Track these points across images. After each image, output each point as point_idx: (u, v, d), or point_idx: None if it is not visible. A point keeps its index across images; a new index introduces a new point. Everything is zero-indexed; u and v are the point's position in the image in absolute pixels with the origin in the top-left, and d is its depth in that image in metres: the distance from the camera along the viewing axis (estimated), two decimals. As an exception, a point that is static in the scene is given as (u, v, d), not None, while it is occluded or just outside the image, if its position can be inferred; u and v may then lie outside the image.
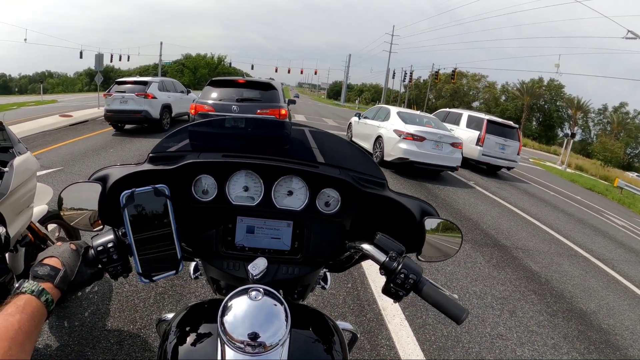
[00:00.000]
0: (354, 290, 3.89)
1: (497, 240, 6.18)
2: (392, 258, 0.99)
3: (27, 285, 0.76)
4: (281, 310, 0.86)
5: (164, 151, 1.27)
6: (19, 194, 2.34)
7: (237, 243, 1.18)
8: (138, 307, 3.35)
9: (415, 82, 66.98)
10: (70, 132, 13.04)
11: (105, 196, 1.11)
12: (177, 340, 0.96)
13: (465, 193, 9.33)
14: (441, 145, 10.00)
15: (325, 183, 1.20)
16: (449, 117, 14.54)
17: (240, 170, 1.19)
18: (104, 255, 0.92)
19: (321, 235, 1.19)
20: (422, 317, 3.53)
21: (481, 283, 4.53)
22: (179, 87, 16.27)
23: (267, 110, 8.43)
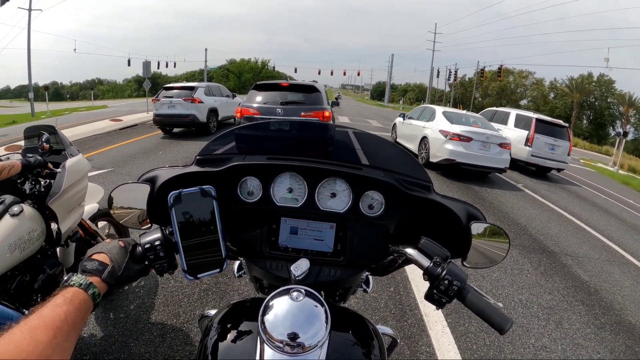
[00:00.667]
0: (396, 295, 3.84)
1: (545, 246, 5.95)
2: (436, 263, 0.97)
3: (75, 279, 0.80)
4: (321, 311, 0.85)
5: (211, 154, 1.30)
6: (70, 193, 2.46)
7: (281, 244, 1.19)
8: (182, 302, 3.44)
9: (460, 81, 65.28)
10: (120, 136, 13.56)
11: (154, 196, 1.15)
12: (218, 337, 0.98)
13: (514, 196, 8.97)
14: (489, 145, 9.63)
15: (369, 185, 1.20)
16: (496, 116, 13.96)
17: (284, 172, 1.21)
18: (151, 253, 0.96)
19: (364, 238, 1.19)
20: (464, 325, 3.44)
21: (527, 291, 4.36)
22: (224, 91, 16.67)
23: (310, 113, 8.44)
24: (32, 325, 0.64)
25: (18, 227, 2.19)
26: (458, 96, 64.52)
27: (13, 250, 2.14)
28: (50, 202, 2.33)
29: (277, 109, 8.54)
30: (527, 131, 12.09)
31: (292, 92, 9.08)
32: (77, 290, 0.77)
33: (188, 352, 2.82)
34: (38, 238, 2.32)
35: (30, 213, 2.30)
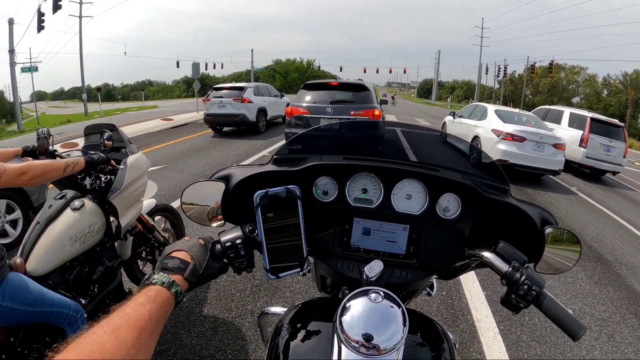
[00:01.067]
0: (449, 299, 3.74)
1: (600, 254, 5.63)
2: (515, 268, 0.95)
3: (157, 277, 0.79)
4: (399, 314, 0.85)
5: (288, 154, 1.31)
6: (131, 189, 2.54)
7: (353, 244, 1.19)
8: (234, 297, 3.48)
9: (509, 77, 63.09)
10: (171, 134, 13.96)
11: (229, 194, 1.16)
12: (290, 336, 0.98)
13: (568, 200, 8.53)
14: (542, 146, 9.16)
15: (446, 187, 1.17)
16: (549, 115, 13.18)
17: (360, 172, 1.20)
18: (231, 251, 0.96)
19: (439, 241, 1.17)
20: (516, 333, 3.31)
21: (581, 301, 4.14)
22: (273, 91, 16.85)
23: (360, 112, 8.35)
24: (116, 324, 0.63)
25: (79, 220, 2.27)
26: (508, 93, 62.40)
27: (74, 242, 2.22)
28: (112, 197, 2.39)
29: (327, 108, 8.50)
30: (581, 131, 11.32)
31: (342, 91, 9.00)
32: (159, 289, 0.77)
33: (239, 347, 2.84)
34: (98, 231, 2.38)
35: (91, 207, 2.37)
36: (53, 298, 1.99)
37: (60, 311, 1.99)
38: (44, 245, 2.14)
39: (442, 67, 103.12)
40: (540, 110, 14.38)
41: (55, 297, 2.00)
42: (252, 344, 2.87)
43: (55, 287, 2.12)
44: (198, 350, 2.79)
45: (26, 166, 1.81)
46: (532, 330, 3.33)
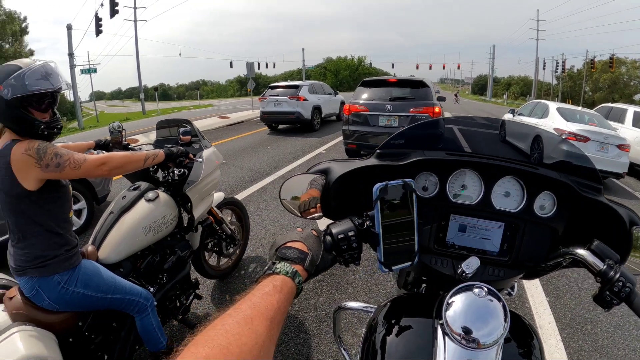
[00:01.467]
0: (511, 303, 3.56)
1: None
2: (610, 266, 0.93)
3: (281, 267, 0.78)
4: (500, 309, 0.85)
5: (391, 148, 1.29)
6: (205, 182, 2.59)
7: (449, 241, 1.19)
8: (297, 290, 3.46)
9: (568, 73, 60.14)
10: (228, 132, 14.31)
11: (330, 188, 1.18)
12: (386, 331, 1.02)
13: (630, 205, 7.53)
14: (606, 147, 8.57)
15: (544, 186, 1.16)
16: (611, 114, 12.23)
17: (461, 168, 1.19)
18: (344, 243, 0.93)
19: (533, 239, 1.16)
20: (578, 342, 3.13)
21: None
22: (327, 89, 16.87)
23: (420, 109, 8.06)
24: (247, 315, 0.62)
25: (153, 211, 2.32)
26: (566, 90, 59.72)
27: (147, 232, 2.27)
28: (188, 189, 2.45)
29: (385, 105, 8.29)
30: None
31: (400, 88, 8.77)
32: (285, 279, 0.76)
33: (302, 340, 2.84)
34: (171, 222, 2.43)
35: (165, 199, 2.42)
36: (125, 285, 2.03)
37: (132, 298, 2.03)
38: (117, 235, 2.20)
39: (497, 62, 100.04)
40: (603, 108, 13.44)
41: (127, 284, 2.05)
42: (315, 337, 2.86)
43: (126, 275, 2.18)
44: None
45: (106, 157, 1.84)
46: (594, 340, 3.16)
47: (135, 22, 33.72)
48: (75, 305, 1.87)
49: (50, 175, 1.68)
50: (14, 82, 1.62)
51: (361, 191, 1.12)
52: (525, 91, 77.33)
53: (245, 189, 6.57)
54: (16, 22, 32.27)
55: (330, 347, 2.75)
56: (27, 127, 1.69)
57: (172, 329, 2.86)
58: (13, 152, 1.62)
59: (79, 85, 28.10)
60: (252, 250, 4.20)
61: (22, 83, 1.63)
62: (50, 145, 1.68)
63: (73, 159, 1.71)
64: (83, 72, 31.22)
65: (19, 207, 1.69)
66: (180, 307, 2.59)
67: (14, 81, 1.62)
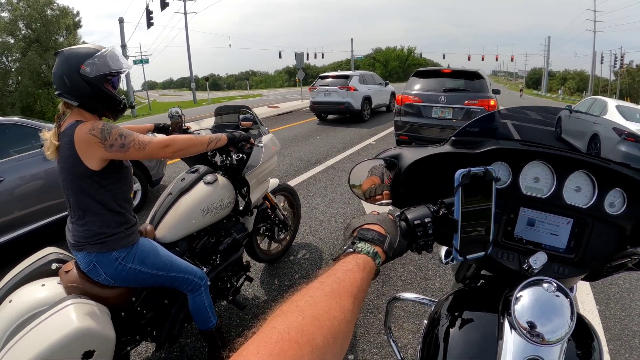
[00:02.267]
0: None
1: None
2: None
3: (362, 246, 0.78)
4: (567, 306, 0.84)
5: (466, 135, 1.28)
6: (263, 167, 2.64)
7: (516, 234, 1.15)
8: (347, 279, 3.45)
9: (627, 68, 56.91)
10: (278, 121, 14.45)
11: (401, 174, 1.16)
12: (450, 324, 1.02)
13: None
14: None
15: (615, 182, 1.12)
16: None
17: (536, 160, 1.16)
18: (420, 229, 0.92)
19: (601, 237, 1.11)
20: (624, 355, 2.99)
21: None
22: (377, 79, 16.61)
23: (475, 101, 7.85)
24: (335, 289, 0.63)
25: (212, 193, 2.38)
26: (625, 87, 56.63)
27: (205, 214, 2.33)
28: (247, 174, 2.50)
29: (439, 96, 8.11)
30: None
31: (455, 79, 8.56)
32: (366, 258, 0.76)
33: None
34: (229, 205, 2.48)
35: (224, 182, 2.48)
36: (180, 264, 2.08)
37: (186, 277, 2.08)
38: (175, 215, 2.26)
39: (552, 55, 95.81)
40: (664, 107, 12.82)
41: (182, 263, 2.10)
42: (362, 328, 2.85)
43: (181, 255, 2.24)
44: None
45: (170, 139, 1.89)
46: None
47: (185, 15, 34.56)
48: (130, 281, 1.93)
49: (115, 155, 1.74)
50: (98, 62, 1.77)
51: (433, 178, 1.10)
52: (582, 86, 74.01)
53: (295, 177, 6.62)
54: (69, 17, 33.57)
55: (376, 337, 2.74)
56: (107, 102, 1.84)
57: (220, 309, 2.93)
58: (77, 131, 1.69)
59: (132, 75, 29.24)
60: (302, 237, 4.23)
61: (105, 62, 1.80)
62: (115, 126, 1.75)
63: (137, 140, 1.76)
64: (136, 63, 32.34)
65: (82, 186, 1.76)
66: (231, 288, 2.65)
67: (98, 60, 1.78)
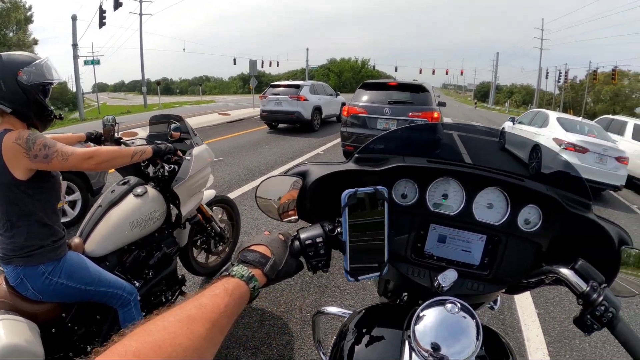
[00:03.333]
0: (500, 314, 3.58)
1: None
2: (593, 288, 0.90)
3: (237, 269, 0.77)
4: (473, 327, 0.82)
5: (370, 153, 1.27)
6: (194, 180, 2.58)
7: (427, 251, 1.14)
8: (284, 291, 3.49)
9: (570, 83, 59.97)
10: (228, 129, 14.36)
11: (306, 191, 1.15)
12: (356, 340, 0.99)
13: (628, 219, 7.83)
14: (605, 159, 8.61)
15: (529, 199, 1.11)
16: (612, 126, 12.24)
17: (443, 177, 1.15)
18: (311, 249, 0.92)
19: (515, 254, 1.11)
20: (565, 356, 3.13)
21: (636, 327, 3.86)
22: (328, 90, 16.89)
23: (419, 113, 8.06)
24: (191, 315, 0.61)
25: (141, 206, 2.33)
26: (568, 100, 59.62)
27: (134, 227, 2.28)
28: (176, 187, 2.45)
29: (384, 108, 8.29)
30: None
31: (400, 92, 8.76)
32: (238, 282, 0.74)
33: (285, 341, 2.84)
34: (159, 218, 2.44)
35: (154, 195, 2.43)
36: (109, 279, 2.05)
37: (115, 292, 2.05)
38: (104, 228, 2.21)
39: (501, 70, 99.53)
40: (603, 119, 13.42)
41: (111, 278, 2.07)
42: (298, 340, 2.86)
43: (111, 269, 2.19)
44: (244, 341, 2.81)
45: (94, 151, 1.87)
46: (581, 354, 3.16)
47: (140, 16, 33.75)
48: (58, 296, 1.89)
49: (39, 165, 1.72)
50: (35, 70, 1.79)
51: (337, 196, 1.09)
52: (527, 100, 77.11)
53: (240, 187, 6.57)
54: (21, 11, 32.32)
55: (313, 349, 2.75)
56: (40, 111, 1.84)
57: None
58: (4, 140, 1.67)
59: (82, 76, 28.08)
60: (242, 249, 4.17)
61: (41, 72, 1.81)
62: (40, 136, 1.72)
63: (61, 151, 1.74)
64: (86, 63, 31.22)
65: (9, 196, 1.73)
66: (166, 302, 2.58)
67: (35, 69, 1.79)
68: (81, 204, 4.91)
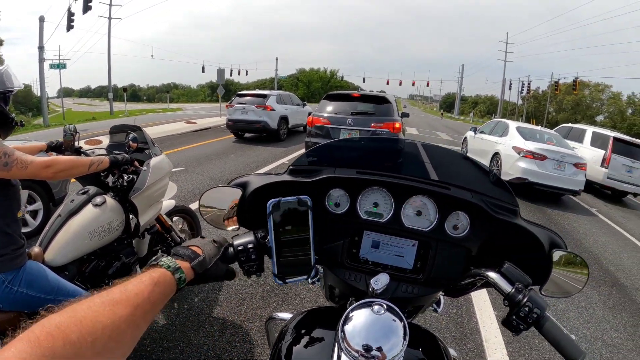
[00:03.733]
0: (458, 317, 3.69)
1: (616, 279, 5.45)
2: (518, 290, 0.96)
3: (165, 260, 0.81)
4: (400, 327, 0.85)
5: (304, 165, 1.33)
6: (152, 190, 2.60)
7: (362, 256, 1.20)
8: (245, 300, 3.51)
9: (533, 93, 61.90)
10: (194, 137, 14.17)
11: (245, 201, 1.20)
12: (293, 341, 1.01)
13: (587, 221, 8.27)
14: (563, 165, 8.98)
15: (456, 206, 1.18)
16: (571, 134, 12.84)
17: (372, 186, 1.22)
18: (243, 255, 1.00)
19: (446, 258, 1.17)
20: (524, 356, 3.25)
21: (593, 326, 4.01)
22: (295, 100, 16.94)
23: (381, 124, 8.30)
24: (115, 298, 0.65)
25: (100, 216, 2.35)
26: (531, 110, 61.47)
27: (93, 236, 2.29)
28: (133, 197, 2.46)
29: (347, 119, 8.49)
30: (603, 151, 10.93)
31: (363, 103, 9.03)
32: (164, 272, 0.78)
33: (246, 349, 2.86)
34: (117, 228, 2.45)
35: (112, 205, 2.45)
36: (68, 288, 2.05)
37: None
38: (64, 238, 2.22)
39: (466, 82, 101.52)
40: (563, 128, 14.03)
41: (70, 287, 2.07)
42: (259, 347, 2.89)
43: (71, 278, 2.20)
44: (205, 350, 2.82)
45: (52, 160, 1.90)
46: (541, 353, 3.27)
47: (109, 20, 33.07)
48: (19, 305, 1.88)
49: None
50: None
51: None
52: (492, 110, 79.11)
53: (204, 196, 6.51)
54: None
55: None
56: (0, 119, 1.88)
57: None
58: None
59: (47, 80, 27.14)
60: (204, 258, 4.18)
61: (1, 80, 1.85)
62: (0, 145, 1.74)
63: (20, 159, 1.76)
64: (52, 67, 30.19)
65: None
66: None
67: None
68: (43, 214, 4.80)
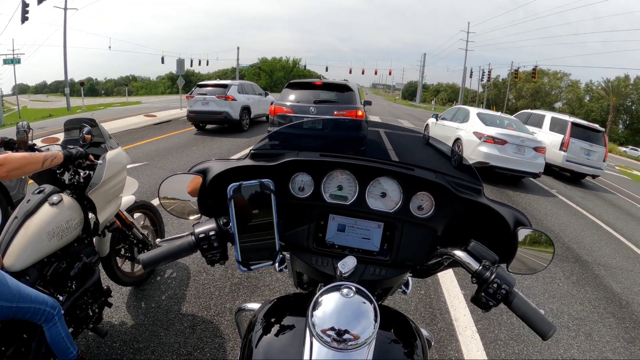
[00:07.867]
0: (427, 298, 3.78)
1: (578, 256, 5.74)
2: (485, 267, 0.97)
3: None
4: (370, 309, 0.85)
5: (265, 149, 1.31)
6: (109, 185, 2.52)
7: (328, 240, 1.20)
8: (213, 295, 3.49)
9: (494, 81, 63.88)
10: (154, 131, 13.87)
11: (205, 188, 1.17)
12: (263, 331, 0.98)
13: (548, 202, 8.67)
14: (523, 149, 9.35)
15: (420, 186, 1.19)
16: (530, 119, 13.41)
17: (336, 169, 1.22)
18: (205, 243, 0.98)
19: (412, 239, 1.18)
20: (494, 332, 3.37)
21: (558, 301, 4.22)
22: (257, 89, 16.77)
23: (343, 112, 8.40)
24: None
25: (57, 215, 2.26)
26: (491, 97, 63.21)
27: (51, 237, 2.20)
28: (90, 192, 2.37)
29: (310, 107, 8.54)
30: (562, 135, 11.49)
31: (326, 91, 9.05)
32: None
33: (217, 344, 2.85)
34: (76, 227, 2.37)
35: (70, 202, 2.36)
36: (30, 294, 1.97)
37: (38, 307, 1.96)
38: (22, 241, 2.12)
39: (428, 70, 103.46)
40: (522, 114, 14.54)
41: (32, 293, 1.99)
42: (231, 341, 2.89)
43: (32, 283, 2.11)
44: (176, 348, 2.79)
45: (3, 158, 1.81)
46: (510, 329, 3.39)
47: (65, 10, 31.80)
48: None
49: None
50: None
51: None
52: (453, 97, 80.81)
53: (165, 191, 6.41)
54: None
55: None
56: None
57: (87, 339, 2.79)
58: None
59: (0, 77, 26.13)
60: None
61: None
62: None
63: None
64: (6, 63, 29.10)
65: None
66: (93, 316, 2.53)
67: None
68: (1, 218, 4.66)
